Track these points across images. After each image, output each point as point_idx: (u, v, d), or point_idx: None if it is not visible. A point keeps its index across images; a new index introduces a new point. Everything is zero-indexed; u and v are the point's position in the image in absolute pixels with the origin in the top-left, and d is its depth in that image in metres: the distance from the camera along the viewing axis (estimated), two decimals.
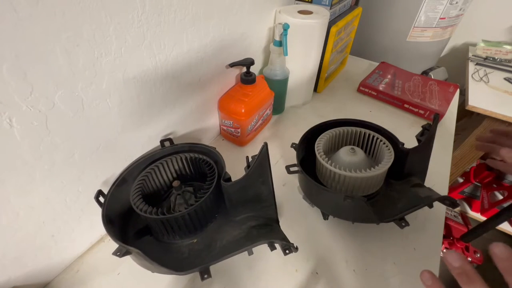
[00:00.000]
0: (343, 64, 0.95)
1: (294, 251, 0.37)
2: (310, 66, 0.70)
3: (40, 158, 0.32)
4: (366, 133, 0.51)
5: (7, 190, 0.31)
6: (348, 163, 0.46)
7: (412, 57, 1.09)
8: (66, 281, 0.42)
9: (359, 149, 0.48)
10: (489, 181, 1.23)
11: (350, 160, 0.46)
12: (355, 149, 0.47)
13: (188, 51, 0.46)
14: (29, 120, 0.30)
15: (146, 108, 0.44)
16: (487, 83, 1.02)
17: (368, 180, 0.44)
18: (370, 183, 0.45)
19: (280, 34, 0.58)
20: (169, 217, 0.37)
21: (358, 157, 0.47)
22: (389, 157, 0.45)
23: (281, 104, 0.73)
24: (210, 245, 0.40)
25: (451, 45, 1.42)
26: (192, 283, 0.41)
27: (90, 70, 0.33)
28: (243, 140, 0.63)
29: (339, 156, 0.48)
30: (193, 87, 0.52)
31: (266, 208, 0.42)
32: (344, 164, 0.45)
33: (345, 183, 0.45)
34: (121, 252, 0.31)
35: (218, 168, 0.44)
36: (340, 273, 0.43)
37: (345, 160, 0.46)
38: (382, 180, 0.47)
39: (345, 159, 0.47)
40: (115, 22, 0.33)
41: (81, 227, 0.42)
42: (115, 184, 0.41)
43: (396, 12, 1.00)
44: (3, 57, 0.25)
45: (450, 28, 1.03)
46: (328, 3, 0.66)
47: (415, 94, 0.77)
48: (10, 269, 0.35)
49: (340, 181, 0.45)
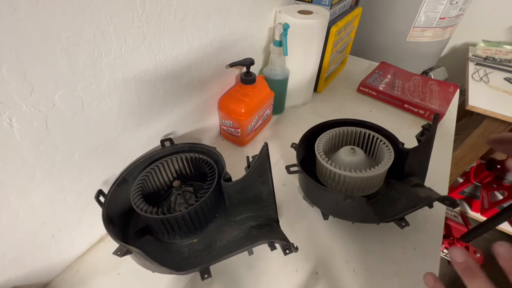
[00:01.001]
0: (343, 64, 0.95)
1: (294, 251, 0.37)
2: (310, 66, 0.70)
3: (40, 158, 0.32)
4: (366, 133, 0.51)
5: (7, 190, 0.31)
6: (348, 163, 0.46)
7: (412, 57, 1.09)
8: (66, 281, 0.42)
9: (359, 149, 0.48)
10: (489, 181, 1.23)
11: (350, 160, 0.46)
12: (355, 149, 0.47)
13: (188, 51, 0.46)
14: (29, 120, 0.30)
15: (146, 108, 0.44)
16: (487, 83, 1.02)
17: (368, 180, 0.44)
18: (370, 183, 0.45)
19: (280, 34, 0.58)
20: (169, 216, 0.37)
21: (358, 157, 0.47)
22: (389, 157, 0.45)
23: (281, 104, 0.73)
24: (210, 245, 0.40)
25: (451, 45, 1.42)
26: (192, 283, 0.41)
27: (90, 70, 0.33)
28: (243, 140, 0.63)
29: (339, 156, 0.48)
30: (193, 87, 0.52)
31: (266, 208, 0.42)
32: (344, 164, 0.46)
33: (345, 183, 0.45)
34: (121, 251, 0.31)
35: (218, 168, 0.44)
36: (340, 273, 0.43)
37: (345, 160, 0.46)
38: (382, 180, 0.47)
39: (345, 159, 0.47)
40: (115, 22, 0.33)
41: (81, 227, 0.42)
42: (115, 183, 0.41)
43: (396, 12, 1.00)
44: (3, 57, 0.25)
45: (450, 28, 1.03)
46: (328, 3, 0.66)
47: (415, 94, 0.77)
48: (10, 269, 0.35)
49: (340, 181, 0.45)
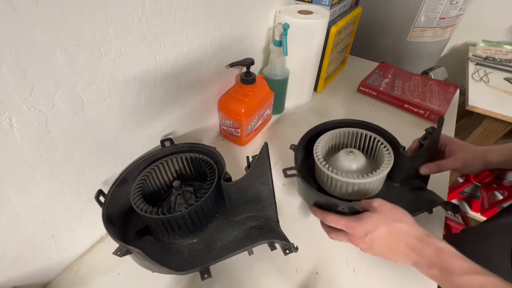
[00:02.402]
0: (343, 64, 0.95)
1: (294, 251, 0.37)
2: (310, 66, 0.70)
3: (40, 158, 0.32)
4: (367, 134, 0.50)
5: (7, 190, 0.31)
6: (348, 167, 0.46)
7: (412, 57, 1.09)
8: (66, 281, 0.42)
9: (358, 152, 0.48)
10: (489, 181, 1.22)
11: (348, 164, 0.46)
12: (354, 152, 0.47)
13: (188, 51, 0.46)
14: (29, 120, 0.30)
15: (146, 108, 0.44)
16: (487, 83, 1.02)
17: (366, 185, 0.44)
18: (368, 188, 0.45)
19: (280, 34, 0.58)
20: (169, 217, 0.36)
21: (357, 161, 0.46)
22: (388, 161, 0.45)
23: (281, 104, 0.73)
24: (210, 245, 0.40)
25: (451, 45, 1.42)
26: (192, 283, 0.41)
27: (90, 70, 0.33)
28: (243, 140, 0.63)
29: (338, 159, 0.47)
30: (193, 87, 0.52)
31: (266, 208, 0.42)
32: (343, 168, 0.45)
33: (342, 188, 0.45)
34: (121, 251, 0.31)
35: (218, 168, 0.44)
36: (340, 273, 0.43)
37: (344, 164, 0.46)
38: (380, 185, 0.47)
39: (344, 163, 0.46)
40: (115, 22, 0.33)
41: (81, 227, 0.42)
42: (115, 183, 0.41)
43: (396, 12, 1.00)
44: (3, 57, 0.25)
45: (450, 28, 1.03)
46: (328, 3, 0.66)
47: (415, 94, 0.77)
48: (10, 269, 0.35)
49: (338, 186, 0.45)
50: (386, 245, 0.33)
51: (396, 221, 0.33)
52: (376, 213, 0.35)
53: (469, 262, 0.28)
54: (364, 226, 0.34)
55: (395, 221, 0.34)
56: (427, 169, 0.46)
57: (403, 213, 0.35)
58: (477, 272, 0.27)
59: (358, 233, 0.35)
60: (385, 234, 0.33)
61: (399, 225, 0.33)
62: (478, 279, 0.26)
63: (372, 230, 0.34)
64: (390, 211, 0.35)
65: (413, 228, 0.33)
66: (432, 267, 0.30)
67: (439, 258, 0.29)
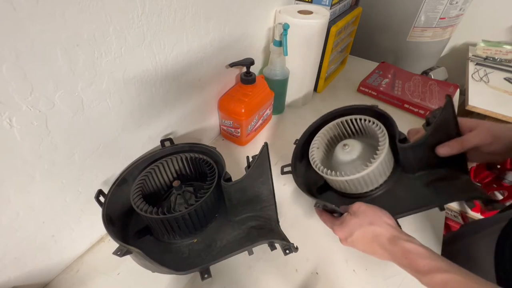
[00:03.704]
0: (343, 64, 0.95)
1: (294, 251, 0.37)
2: (310, 66, 0.70)
3: (40, 158, 0.32)
4: (352, 119, 0.48)
5: (7, 190, 0.31)
6: (349, 159, 0.45)
7: (412, 57, 1.09)
8: (66, 281, 0.42)
9: (353, 142, 0.46)
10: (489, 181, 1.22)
11: (348, 157, 0.45)
12: (348, 144, 0.46)
13: (188, 51, 0.46)
14: (29, 120, 0.30)
15: (146, 108, 0.44)
16: (487, 83, 1.02)
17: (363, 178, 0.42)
18: (367, 180, 0.43)
19: (280, 34, 0.58)
20: (169, 216, 0.36)
21: (353, 152, 0.45)
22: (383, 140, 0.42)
23: (281, 104, 0.73)
24: (210, 245, 0.40)
25: (451, 45, 1.42)
26: (192, 283, 0.41)
27: (90, 70, 0.33)
28: (243, 140, 0.63)
29: (336, 155, 0.47)
30: (193, 87, 0.52)
31: (266, 208, 0.42)
32: (345, 161, 0.45)
33: (341, 183, 0.45)
34: (121, 251, 0.31)
35: (218, 168, 0.44)
36: (340, 273, 0.43)
37: (344, 159, 0.46)
38: (383, 174, 0.44)
39: (344, 158, 0.46)
40: (115, 22, 0.33)
41: (81, 227, 0.42)
42: (115, 183, 0.41)
43: (396, 12, 1.00)
44: (3, 57, 0.25)
45: (450, 28, 1.03)
46: (328, 3, 0.66)
47: (415, 94, 0.77)
48: (10, 269, 0.35)
49: (335, 182, 0.45)
50: (363, 248, 0.36)
51: (370, 224, 0.35)
52: (354, 217, 0.36)
53: (434, 260, 0.29)
54: (345, 230, 0.37)
55: (368, 224, 0.35)
56: (447, 148, 0.38)
57: (378, 215, 0.36)
58: (440, 270, 0.28)
59: (341, 236, 0.38)
60: (360, 238, 0.35)
61: (372, 227, 0.34)
62: (441, 277, 0.28)
63: (350, 235, 0.36)
64: (365, 214, 0.36)
65: (385, 229, 0.34)
66: (404, 266, 0.31)
67: (406, 258, 0.31)
